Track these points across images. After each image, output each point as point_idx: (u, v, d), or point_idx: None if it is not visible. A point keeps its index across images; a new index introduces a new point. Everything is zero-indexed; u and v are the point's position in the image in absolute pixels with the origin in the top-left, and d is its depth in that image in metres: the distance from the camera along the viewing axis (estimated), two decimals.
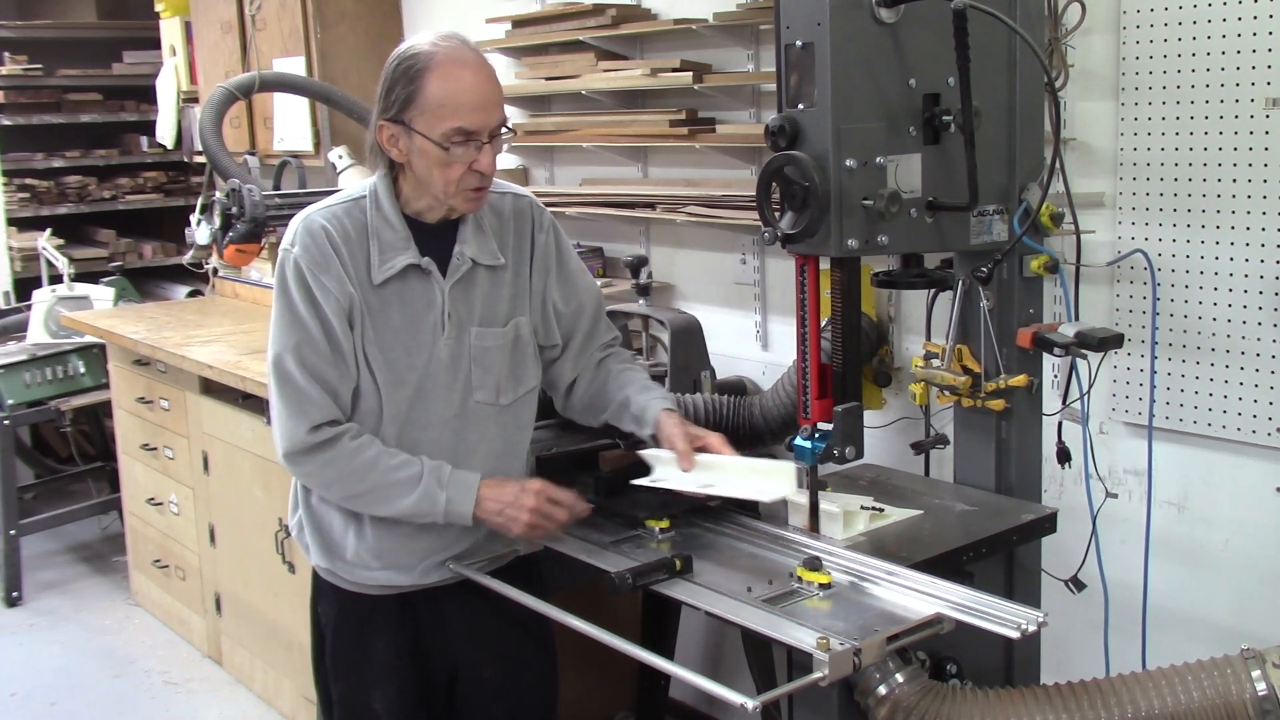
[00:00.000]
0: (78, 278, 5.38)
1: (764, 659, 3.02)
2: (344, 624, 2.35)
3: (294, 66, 4.45)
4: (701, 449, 2.23)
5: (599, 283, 3.55)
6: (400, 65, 2.11)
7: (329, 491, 2.23)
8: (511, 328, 2.27)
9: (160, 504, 4.48)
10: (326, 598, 2.37)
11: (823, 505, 2.20)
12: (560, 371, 2.41)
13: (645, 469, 2.28)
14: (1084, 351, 2.27)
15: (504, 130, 2.15)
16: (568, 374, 2.41)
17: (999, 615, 1.81)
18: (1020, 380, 2.30)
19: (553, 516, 2.18)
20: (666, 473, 2.24)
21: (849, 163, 1.99)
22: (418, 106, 2.09)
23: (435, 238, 2.22)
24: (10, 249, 5.98)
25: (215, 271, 5.18)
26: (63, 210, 6.32)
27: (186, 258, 5.00)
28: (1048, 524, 2.27)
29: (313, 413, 2.15)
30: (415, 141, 2.10)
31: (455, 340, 2.22)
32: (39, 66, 6.29)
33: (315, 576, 2.39)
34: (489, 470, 2.23)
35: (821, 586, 1.95)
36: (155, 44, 5.69)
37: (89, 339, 4.90)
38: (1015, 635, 1.77)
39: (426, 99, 2.08)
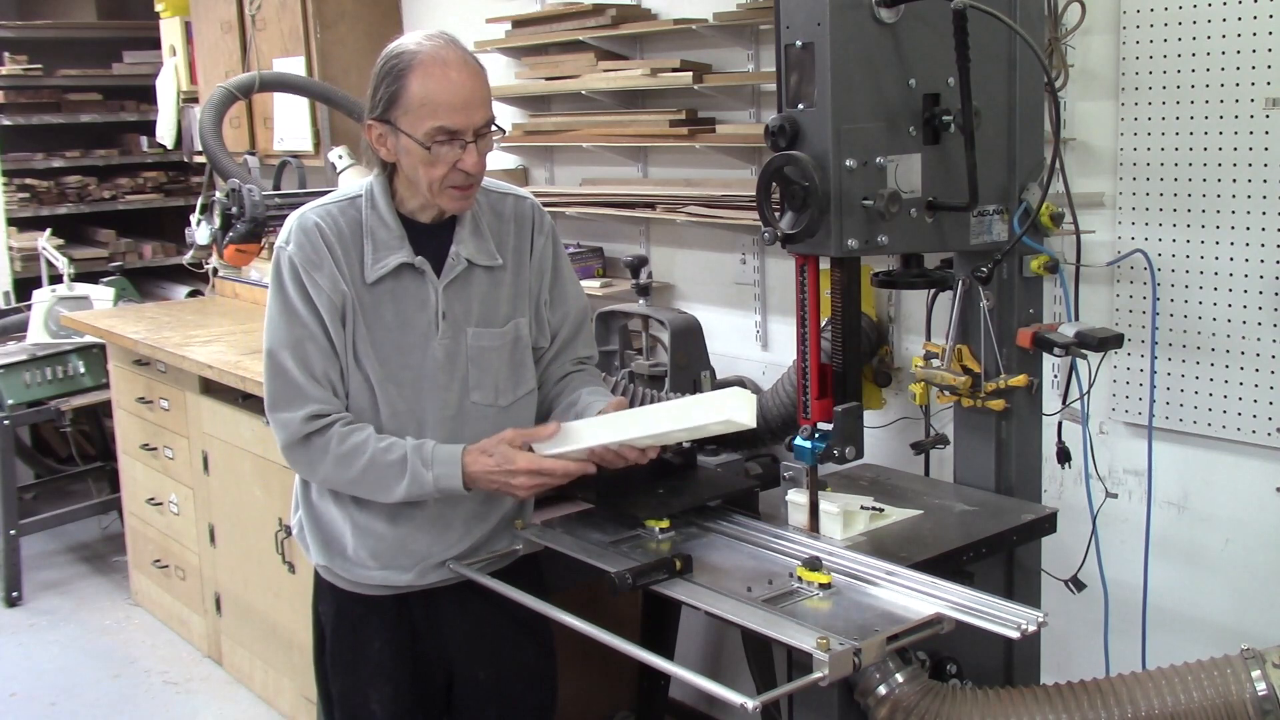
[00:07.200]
0: (78, 278, 5.38)
1: (764, 659, 3.02)
2: (342, 623, 2.35)
3: (294, 66, 4.45)
4: None
5: (598, 283, 3.56)
6: (385, 64, 2.12)
7: (327, 480, 2.22)
8: (511, 328, 2.27)
9: (160, 504, 4.48)
10: (326, 597, 2.37)
11: (823, 505, 2.20)
12: None
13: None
14: (1084, 351, 2.27)
15: (492, 128, 2.15)
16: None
17: (999, 615, 1.81)
18: (1020, 380, 2.30)
19: (552, 472, 2.14)
20: (592, 432, 2.13)
21: (849, 163, 1.99)
22: (401, 106, 2.09)
23: (431, 237, 2.22)
24: (10, 249, 5.98)
25: (215, 271, 5.18)
26: (63, 210, 6.33)
27: (186, 258, 5.00)
28: (1048, 524, 2.27)
29: (309, 402, 2.16)
30: (401, 141, 2.11)
31: (451, 340, 2.22)
32: (39, 66, 6.29)
33: (316, 575, 2.39)
34: None
35: (821, 586, 1.95)
36: (155, 44, 5.69)
37: (89, 339, 4.90)
38: (1015, 635, 1.77)
39: (409, 98, 2.08)
